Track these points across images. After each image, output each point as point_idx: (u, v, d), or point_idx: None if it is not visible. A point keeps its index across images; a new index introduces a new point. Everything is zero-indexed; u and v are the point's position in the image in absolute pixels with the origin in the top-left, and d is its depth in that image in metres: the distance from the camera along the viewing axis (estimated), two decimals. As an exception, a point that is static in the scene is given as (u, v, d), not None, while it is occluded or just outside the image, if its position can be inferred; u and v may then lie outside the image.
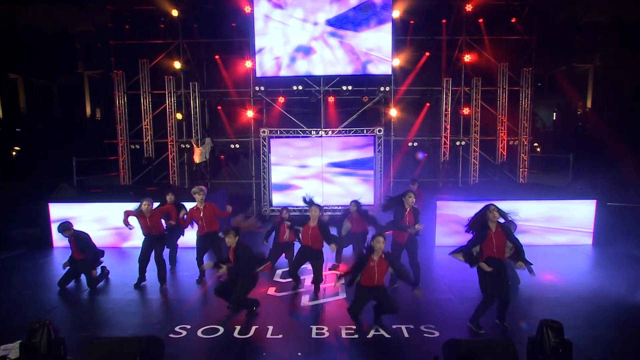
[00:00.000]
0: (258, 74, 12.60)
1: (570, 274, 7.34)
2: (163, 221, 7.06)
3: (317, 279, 6.54)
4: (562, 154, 12.65)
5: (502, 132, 13.50)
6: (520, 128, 13.59)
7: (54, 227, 8.01)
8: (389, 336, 5.01)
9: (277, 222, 7.82)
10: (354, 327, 5.16)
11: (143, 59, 13.24)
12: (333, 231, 6.87)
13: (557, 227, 9.35)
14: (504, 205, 5.20)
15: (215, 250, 7.04)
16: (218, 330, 5.16)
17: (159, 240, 6.92)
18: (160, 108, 13.43)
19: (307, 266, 6.77)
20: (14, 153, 13.38)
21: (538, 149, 13.73)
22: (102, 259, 7.12)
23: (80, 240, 6.80)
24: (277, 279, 7.16)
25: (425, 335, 5.05)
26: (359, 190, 12.94)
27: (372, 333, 5.06)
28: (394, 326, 5.22)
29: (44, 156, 12.45)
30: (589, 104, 13.94)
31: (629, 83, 11.37)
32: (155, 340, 4.40)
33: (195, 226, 6.99)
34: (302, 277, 6.95)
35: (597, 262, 8.28)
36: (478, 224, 5.15)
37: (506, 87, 13.36)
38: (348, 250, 8.06)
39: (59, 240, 8.71)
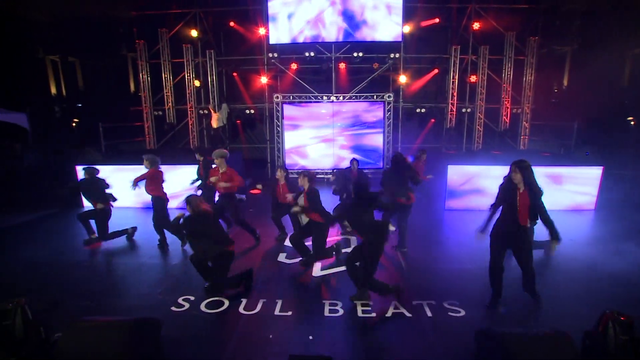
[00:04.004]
0: (271, 41, 10.86)
1: (587, 243, 5.99)
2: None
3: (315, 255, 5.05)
4: (566, 123, 11.05)
5: (506, 100, 11.74)
6: (524, 97, 11.82)
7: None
8: (410, 315, 3.77)
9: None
10: (371, 303, 3.96)
11: (162, 29, 11.56)
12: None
13: (562, 192, 7.90)
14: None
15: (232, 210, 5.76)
16: (223, 303, 3.99)
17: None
18: (180, 76, 11.89)
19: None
20: (73, 124, 13.35)
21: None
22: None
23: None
24: (287, 243, 5.82)
25: (449, 314, 3.81)
26: (369, 155, 11.53)
27: (391, 311, 3.84)
28: (414, 302, 3.99)
29: (93, 127, 11.96)
30: (565, 83, 12.73)
31: (602, 65, 10.24)
32: (148, 322, 3.23)
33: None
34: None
35: (605, 229, 6.84)
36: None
37: (512, 56, 11.47)
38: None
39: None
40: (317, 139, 11.57)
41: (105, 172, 7.78)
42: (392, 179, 5.26)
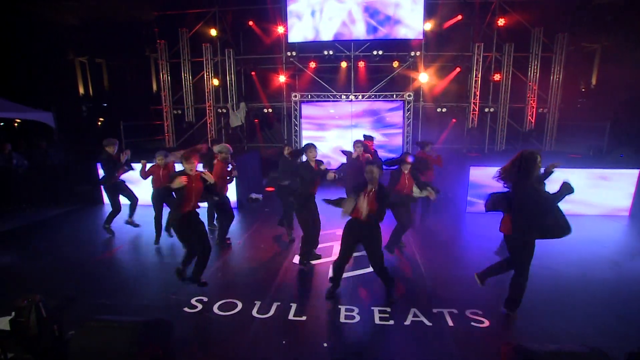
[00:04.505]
0: (290, 40, 10.77)
1: (623, 253, 5.58)
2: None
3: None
4: (596, 123, 10.44)
5: (531, 100, 11.22)
6: (550, 96, 11.26)
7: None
8: (430, 324, 3.56)
9: None
10: (389, 309, 3.77)
11: (183, 28, 11.67)
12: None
13: (594, 196, 7.40)
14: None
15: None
16: (236, 305, 3.88)
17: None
18: (199, 75, 11.97)
19: (336, 231, 5.31)
20: (99, 123, 13.90)
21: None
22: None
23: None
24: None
25: (472, 324, 3.57)
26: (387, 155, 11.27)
27: (410, 319, 3.63)
28: (435, 310, 3.76)
29: (116, 125, 12.37)
30: (593, 82, 12.09)
31: (636, 61, 9.52)
32: (158, 324, 3.16)
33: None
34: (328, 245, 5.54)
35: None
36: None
37: (539, 53, 10.94)
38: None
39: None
40: (341, 140, 11.38)
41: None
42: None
